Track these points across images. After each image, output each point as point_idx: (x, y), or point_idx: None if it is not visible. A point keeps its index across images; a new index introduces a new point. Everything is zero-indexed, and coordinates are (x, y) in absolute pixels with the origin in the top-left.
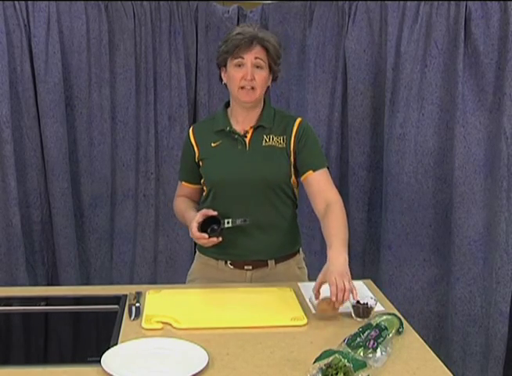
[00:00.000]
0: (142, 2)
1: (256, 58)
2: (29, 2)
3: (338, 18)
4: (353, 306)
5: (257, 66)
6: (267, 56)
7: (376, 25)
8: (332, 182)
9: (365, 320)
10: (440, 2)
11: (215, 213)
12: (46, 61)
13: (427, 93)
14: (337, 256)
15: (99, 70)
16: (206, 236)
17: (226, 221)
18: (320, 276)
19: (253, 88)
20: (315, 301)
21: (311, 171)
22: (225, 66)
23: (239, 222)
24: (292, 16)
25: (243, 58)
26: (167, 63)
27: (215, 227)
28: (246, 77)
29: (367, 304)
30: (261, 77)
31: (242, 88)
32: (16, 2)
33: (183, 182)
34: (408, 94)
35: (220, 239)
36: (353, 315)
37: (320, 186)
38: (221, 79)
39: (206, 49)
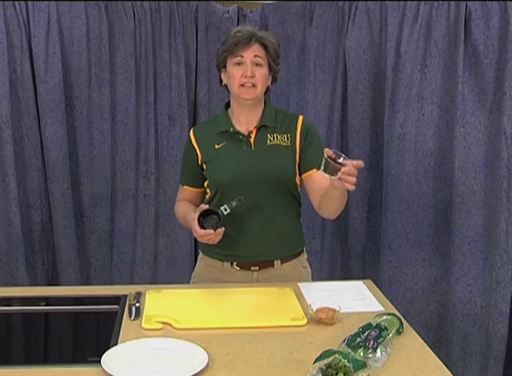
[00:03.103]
0: (142, 2)
1: (255, 56)
2: (29, 2)
3: (338, 18)
4: (325, 160)
5: (257, 64)
6: (266, 54)
7: (376, 25)
8: None
9: (332, 177)
10: (440, 2)
11: (207, 206)
12: (46, 61)
13: (427, 93)
14: None
15: (99, 70)
16: (211, 231)
17: (223, 208)
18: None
19: (253, 85)
20: (314, 310)
21: (315, 169)
22: (225, 66)
23: (234, 204)
24: (292, 16)
25: (242, 56)
26: (167, 63)
27: (215, 217)
28: (247, 74)
29: (340, 163)
30: (261, 74)
31: (242, 85)
32: (16, 2)
33: (185, 186)
34: (408, 94)
35: (223, 228)
36: (321, 169)
37: (323, 183)
38: (220, 80)
39: (206, 49)
